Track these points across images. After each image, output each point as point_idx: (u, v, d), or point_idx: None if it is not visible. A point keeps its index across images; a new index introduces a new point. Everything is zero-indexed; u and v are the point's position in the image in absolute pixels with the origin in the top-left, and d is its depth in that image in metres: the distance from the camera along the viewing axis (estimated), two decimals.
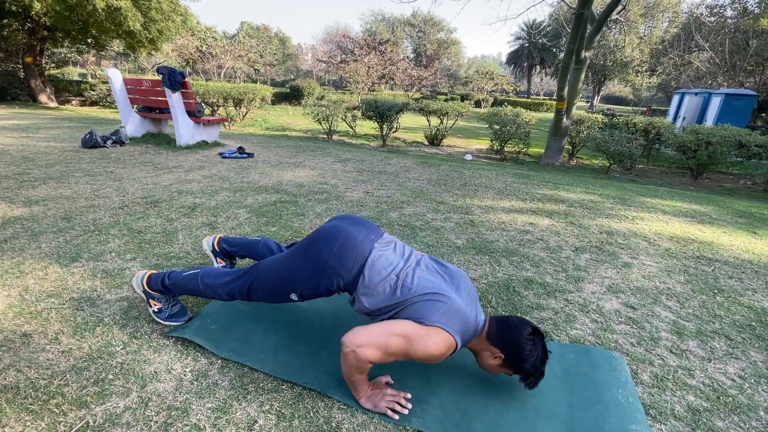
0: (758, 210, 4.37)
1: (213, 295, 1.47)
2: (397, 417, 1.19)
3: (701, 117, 12.01)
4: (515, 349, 1.21)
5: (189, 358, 1.39)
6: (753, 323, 1.88)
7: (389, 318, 1.24)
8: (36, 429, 1.08)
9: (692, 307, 2.00)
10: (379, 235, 1.39)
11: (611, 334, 1.71)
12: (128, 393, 1.22)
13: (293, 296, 1.35)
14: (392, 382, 1.31)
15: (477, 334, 1.27)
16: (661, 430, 1.24)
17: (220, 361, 1.38)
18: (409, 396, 1.26)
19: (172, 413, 1.16)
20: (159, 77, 4.94)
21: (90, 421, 1.12)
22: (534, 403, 1.29)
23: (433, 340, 1.14)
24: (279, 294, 1.37)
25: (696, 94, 12.57)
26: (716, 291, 2.18)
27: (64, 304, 1.64)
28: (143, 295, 1.55)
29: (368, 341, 1.11)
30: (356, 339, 1.11)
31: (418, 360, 1.16)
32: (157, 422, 1.13)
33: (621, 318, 1.85)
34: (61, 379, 1.25)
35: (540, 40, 40.76)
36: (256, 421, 1.16)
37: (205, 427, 1.13)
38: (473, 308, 1.28)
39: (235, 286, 1.42)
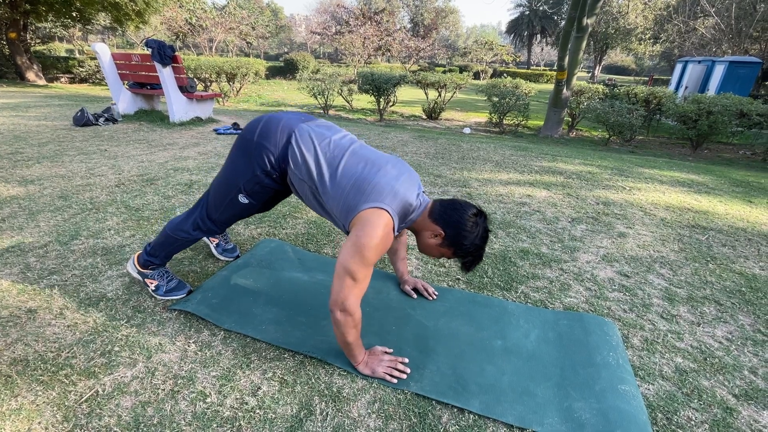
0: (755, 179, 4.38)
1: (185, 237, 1.48)
2: (395, 381, 1.23)
3: (704, 86, 11.78)
4: (456, 226, 1.19)
5: (192, 330, 1.42)
6: (743, 289, 1.93)
7: (321, 203, 1.26)
8: (47, 398, 1.12)
9: (685, 274, 2.03)
10: (313, 119, 1.38)
11: (604, 302, 1.76)
12: (135, 363, 1.26)
13: (242, 198, 1.36)
14: (390, 351, 1.35)
15: (417, 214, 1.26)
16: (648, 389, 1.29)
17: (222, 333, 1.42)
18: (406, 360, 1.30)
19: (179, 381, 1.20)
20: (148, 51, 4.80)
21: (99, 390, 1.16)
22: (528, 367, 1.34)
23: (369, 233, 1.10)
24: (230, 202, 1.38)
25: (699, 62, 12.29)
26: (709, 259, 2.22)
27: (66, 280, 1.66)
28: (139, 276, 1.59)
29: (341, 294, 1.12)
30: (334, 298, 1.13)
31: (378, 257, 1.14)
32: (164, 390, 1.17)
33: (614, 286, 1.89)
34: (68, 352, 1.29)
35: (541, 8, 39.41)
36: (259, 388, 1.20)
37: (210, 393, 1.17)
38: (409, 188, 1.23)
39: (196, 216, 1.46)
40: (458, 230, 1.19)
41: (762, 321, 1.68)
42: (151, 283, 1.57)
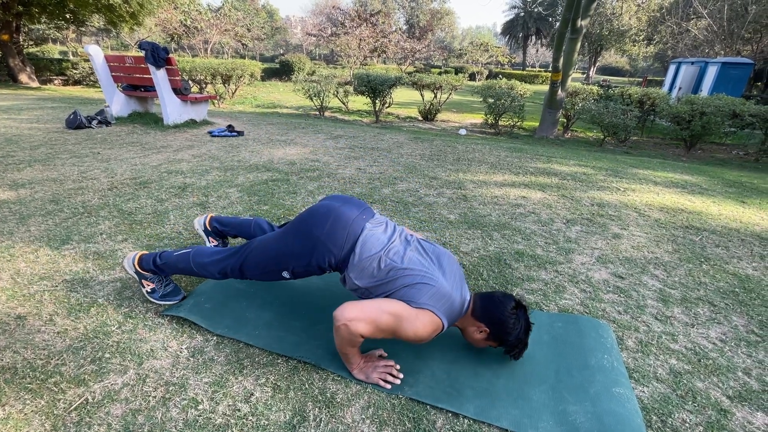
0: (748, 179, 4.41)
1: (205, 274, 1.47)
2: (389, 387, 1.23)
3: (697, 86, 11.89)
4: (499, 323, 1.26)
5: (184, 335, 1.41)
6: (736, 290, 1.93)
7: (368, 297, 1.27)
8: (36, 407, 1.10)
9: (679, 275, 2.04)
10: (371, 215, 1.39)
11: (599, 303, 1.76)
12: (126, 370, 1.25)
13: (285, 274, 1.36)
14: (385, 355, 1.35)
15: (463, 314, 1.30)
16: (643, 392, 1.29)
17: (215, 338, 1.40)
18: (398, 367, 1.29)
19: (170, 388, 1.19)
20: (142, 53, 4.77)
21: (89, 398, 1.14)
22: (523, 370, 1.34)
23: (421, 321, 1.17)
24: (271, 272, 1.38)
25: (692, 63, 12.40)
26: (703, 259, 2.23)
27: (57, 286, 1.64)
28: (135, 276, 1.56)
29: (359, 315, 1.12)
30: (348, 313, 1.13)
31: (406, 339, 1.19)
32: (155, 397, 1.16)
33: (609, 287, 1.89)
34: (58, 359, 1.27)
35: (536, 9, 39.64)
36: (252, 394, 1.19)
37: (202, 400, 1.16)
38: (459, 288, 1.30)
39: (228, 264, 1.43)
40: (502, 327, 1.26)
41: (755, 322, 1.69)
42: (148, 285, 1.55)
